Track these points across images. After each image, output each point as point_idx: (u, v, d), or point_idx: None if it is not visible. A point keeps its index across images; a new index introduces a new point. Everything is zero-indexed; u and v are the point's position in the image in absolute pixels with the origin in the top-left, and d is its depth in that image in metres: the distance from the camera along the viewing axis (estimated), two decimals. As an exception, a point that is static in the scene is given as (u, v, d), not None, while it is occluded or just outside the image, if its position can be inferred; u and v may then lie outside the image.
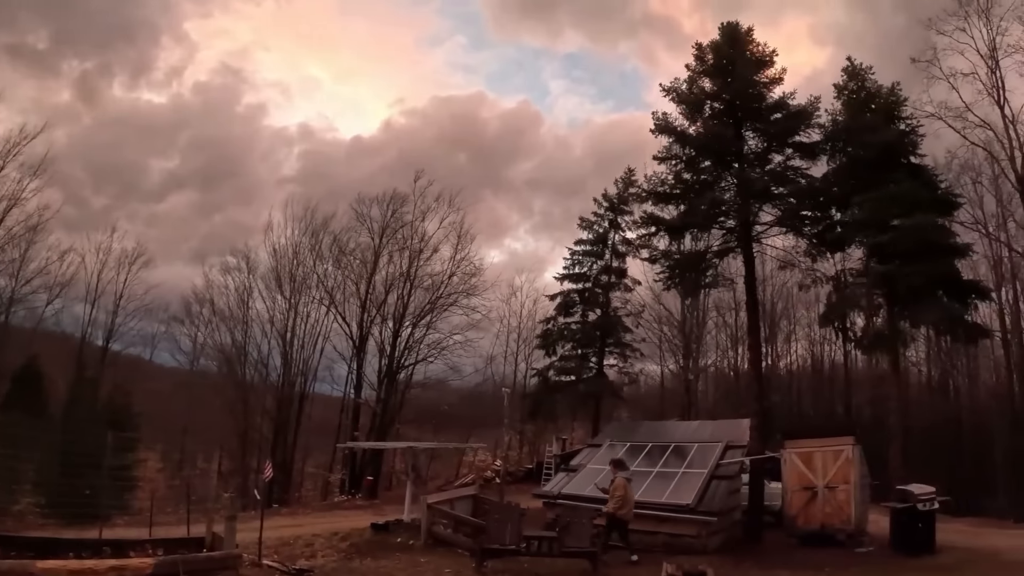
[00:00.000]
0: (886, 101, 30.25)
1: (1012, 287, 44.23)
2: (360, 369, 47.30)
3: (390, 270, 48.40)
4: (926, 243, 27.43)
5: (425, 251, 48.49)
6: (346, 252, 48.88)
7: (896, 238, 27.81)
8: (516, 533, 15.14)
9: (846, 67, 31.76)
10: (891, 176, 28.51)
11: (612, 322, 43.66)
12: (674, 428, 26.98)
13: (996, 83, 34.49)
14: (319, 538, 18.29)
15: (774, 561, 17.72)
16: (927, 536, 18.55)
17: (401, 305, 47.22)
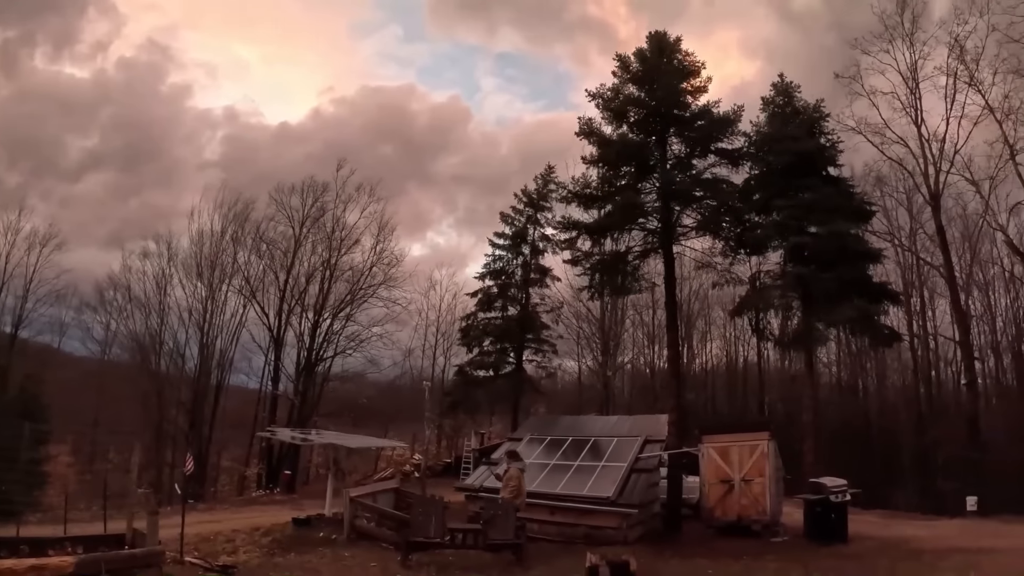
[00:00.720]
0: (809, 116, 32.19)
1: (920, 295, 46.84)
2: (278, 361, 46.75)
3: (311, 260, 48.07)
4: (841, 249, 28.63)
5: (346, 242, 48.32)
6: (266, 241, 48.21)
7: (813, 243, 28.96)
8: (440, 526, 15.15)
9: (775, 83, 34.09)
10: (809, 184, 29.75)
11: (531, 317, 43.76)
12: (593, 423, 27.13)
13: (915, 103, 36.92)
14: (240, 533, 18.09)
15: (693, 551, 18.11)
16: (840, 526, 19.28)
17: (321, 296, 46.95)
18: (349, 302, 47.03)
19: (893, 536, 20.55)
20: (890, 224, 44.58)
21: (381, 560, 15.08)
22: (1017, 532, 21.02)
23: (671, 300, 26.18)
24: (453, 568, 14.74)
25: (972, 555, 16.31)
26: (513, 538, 15.34)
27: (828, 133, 33.25)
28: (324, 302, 46.85)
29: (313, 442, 26.75)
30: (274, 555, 15.56)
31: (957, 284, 39.68)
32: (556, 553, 16.86)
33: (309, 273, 47.55)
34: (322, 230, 48.32)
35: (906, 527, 23.54)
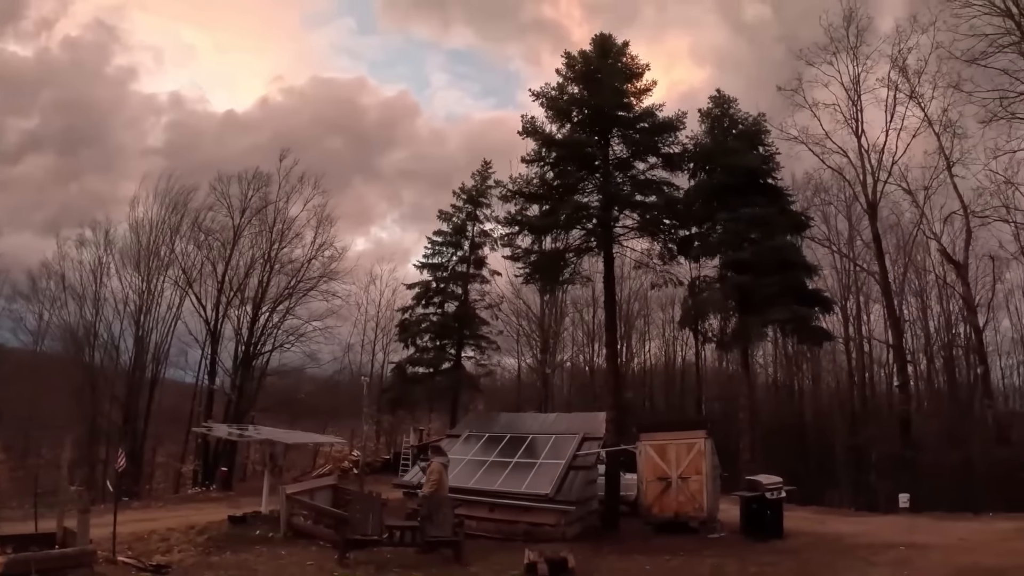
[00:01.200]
0: (750, 129, 33.54)
1: (856, 299, 47.92)
2: (215, 354, 45.81)
3: (251, 252, 47.06)
4: (778, 260, 29.32)
5: (287, 234, 47.48)
6: (205, 231, 46.85)
7: (752, 255, 29.59)
8: (378, 523, 15.14)
9: (713, 96, 35.29)
10: (749, 197, 30.43)
11: (470, 314, 43.75)
12: (531, 420, 27.19)
13: (856, 114, 37.95)
14: (175, 532, 17.87)
15: (631, 547, 18.32)
16: (775, 522, 19.66)
17: (260, 289, 46.07)
18: (288, 296, 46.25)
19: (828, 532, 20.99)
20: (829, 231, 45.98)
21: (318, 558, 14.94)
22: (947, 528, 21.47)
23: (610, 299, 26.43)
24: (391, 566, 14.59)
25: (904, 550, 16.74)
26: (451, 535, 15.33)
27: (767, 145, 34.74)
28: (263, 295, 45.99)
29: (250, 438, 26.35)
30: (210, 554, 15.35)
31: (891, 290, 40.75)
32: (495, 550, 16.89)
33: (248, 265, 46.63)
34: (263, 221, 47.36)
35: (840, 523, 24.01)
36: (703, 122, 35.09)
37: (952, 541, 18.00)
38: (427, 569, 14.30)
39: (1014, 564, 14.08)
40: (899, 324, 41.13)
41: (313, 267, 47.11)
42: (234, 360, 45.67)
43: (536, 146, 26.07)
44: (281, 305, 46.27)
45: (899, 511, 29.61)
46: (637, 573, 14.97)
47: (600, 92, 25.57)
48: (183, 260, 46.71)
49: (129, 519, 20.72)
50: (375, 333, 59.94)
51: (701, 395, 53.39)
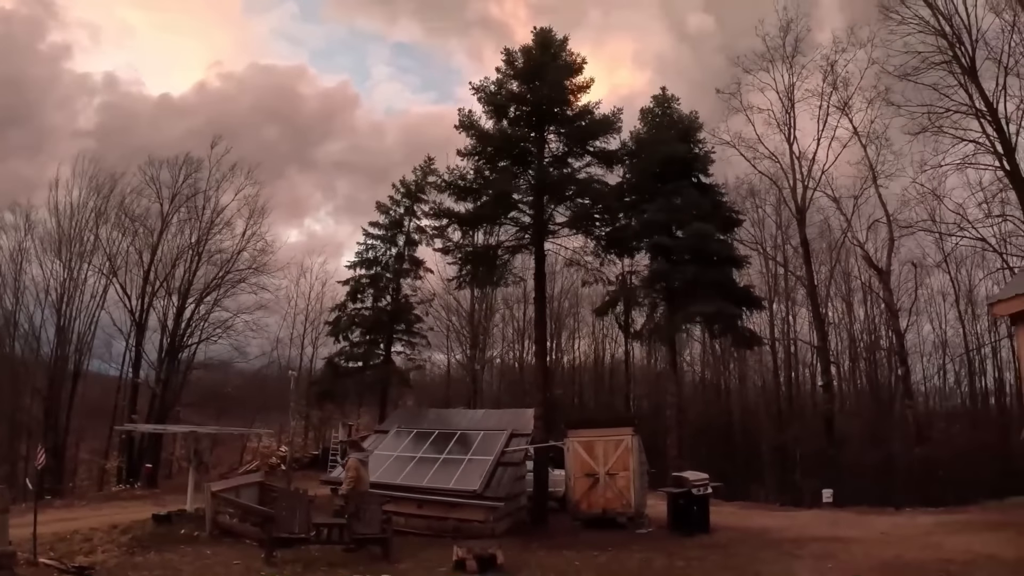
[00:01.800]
0: (684, 125, 34.52)
1: (784, 302, 49.77)
2: (140, 346, 44.39)
3: (178, 241, 45.77)
4: (705, 251, 29.84)
5: (217, 223, 46.29)
6: (131, 217, 45.30)
7: (678, 242, 30.05)
8: (305, 521, 15.02)
9: (656, 95, 36.35)
10: (679, 189, 31.16)
11: (402, 309, 43.42)
12: (460, 416, 27.30)
13: (789, 122, 39.64)
14: (98, 532, 17.48)
15: (560, 543, 18.45)
16: (702, 517, 20.01)
17: (187, 279, 44.82)
18: (217, 287, 45.23)
19: (753, 526, 21.43)
20: (758, 234, 47.52)
21: (245, 557, 14.76)
22: (869, 522, 22.06)
23: (540, 296, 26.39)
24: (319, 564, 14.48)
25: (827, 543, 17.14)
26: (379, 532, 15.34)
27: (701, 142, 35.64)
28: (190, 285, 44.81)
29: (175, 432, 25.88)
30: (134, 554, 15.07)
31: (817, 294, 41.99)
32: (424, 546, 16.95)
33: (176, 254, 45.37)
34: (192, 209, 46.20)
35: (765, 518, 24.59)
36: (643, 119, 35.81)
37: (874, 535, 18.50)
38: (355, 567, 14.20)
39: (934, 558, 14.36)
40: (823, 327, 42.13)
41: (243, 259, 46.21)
42: (159, 353, 44.31)
43: (472, 140, 26.00)
44: (209, 296, 45.23)
45: (823, 506, 30.36)
46: (565, 569, 15.01)
47: (539, 88, 25.59)
48: (108, 247, 45.17)
49: (51, 518, 20.45)
50: (304, 327, 58.87)
51: (630, 392, 54.21)
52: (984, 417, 44.95)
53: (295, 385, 33.00)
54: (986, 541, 15.49)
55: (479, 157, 25.98)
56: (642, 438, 23.07)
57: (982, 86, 31.36)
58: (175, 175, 46.18)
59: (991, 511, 23.01)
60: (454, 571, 14.04)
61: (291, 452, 32.81)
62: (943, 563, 13.77)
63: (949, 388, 49.86)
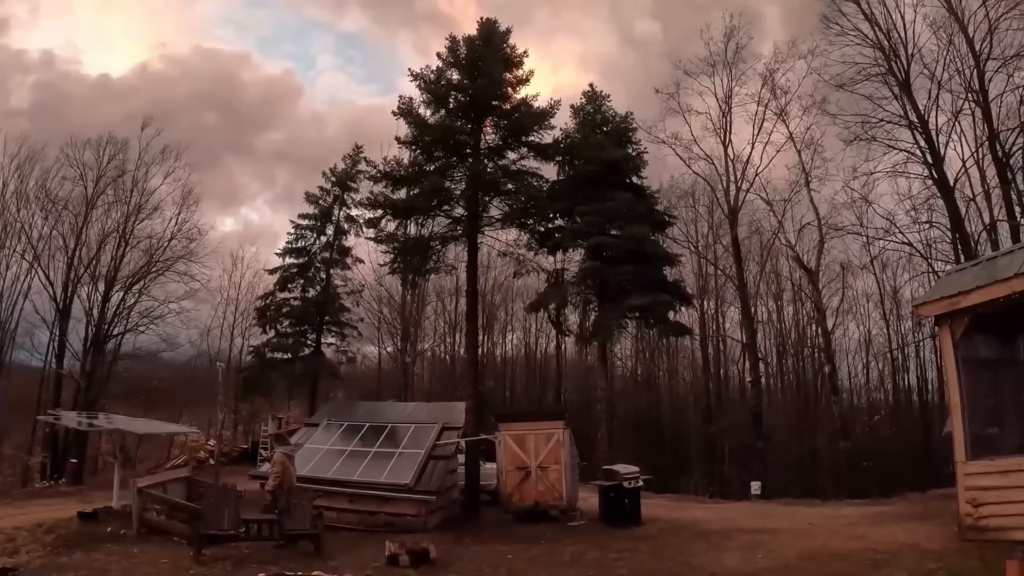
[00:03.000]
0: (618, 127, 35.40)
1: (714, 299, 51.27)
2: (64, 336, 42.99)
3: (104, 225, 44.31)
4: (638, 251, 30.48)
5: (145, 207, 44.93)
6: (53, 199, 43.67)
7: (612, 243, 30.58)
8: (235, 517, 14.83)
9: (586, 91, 37.03)
10: (614, 193, 31.70)
11: (331, 299, 43.18)
12: (391, 409, 27.23)
13: (725, 125, 40.90)
14: (22, 531, 16.88)
15: (492, 536, 18.51)
16: (633, 510, 20.28)
17: (113, 265, 43.51)
18: (144, 274, 44.13)
19: (684, 518, 21.59)
20: (690, 233, 49.05)
21: (173, 556, 14.51)
22: (796, 513, 22.44)
23: (473, 288, 26.37)
24: (249, 562, 14.29)
25: (756, 534, 17.37)
26: (311, 528, 15.24)
27: (635, 143, 36.52)
28: (116, 272, 43.59)
29: (100, 427, 25.27)
30: (59, 554, 14.68)
31: (747, 292, 43.49)
32: (356, 542, 16.88)
33: (102, 239, 43.84)
34: (119, 192, 44.71)
35: (695, 510, 24.85)
36: (575, 117, 36.33)
37: (801, 526, 18.71)
38: (286, 564, 13.96)
39: (860, 547, 14.56)
40: (752, 324, 43.40)
41: (173, 246, 45.15)
42: (84, 343, 43.14)
43: (409, 129, 25.94)
44: (136, 284, 44.09)
45: (751, 498, 31.04)
46: (498, 562, 15.04)
47: (479, 80, 25.56)
48: (29, 231, 43.61)
49: None
50: (234, 317, 57.83)
51: (561, 386, 54.64)
52: (906, 413, 46.16)
53: (223, 377, 32.47)
54: (910, 531, 15.67)
55: (416, 147, 25.94)
56: (573, 431, 23.29)
57: (915, 99, 32.87)
58: (99, 156, 44.66)
59: (913, 502, 23.40)
60: (387, 566, 13.98)
61: (219, 446, 32.19)
62: (868, 552, 13.95)
63: (873, 385, 51.17)
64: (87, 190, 43.93)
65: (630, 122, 36.63)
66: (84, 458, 40.93)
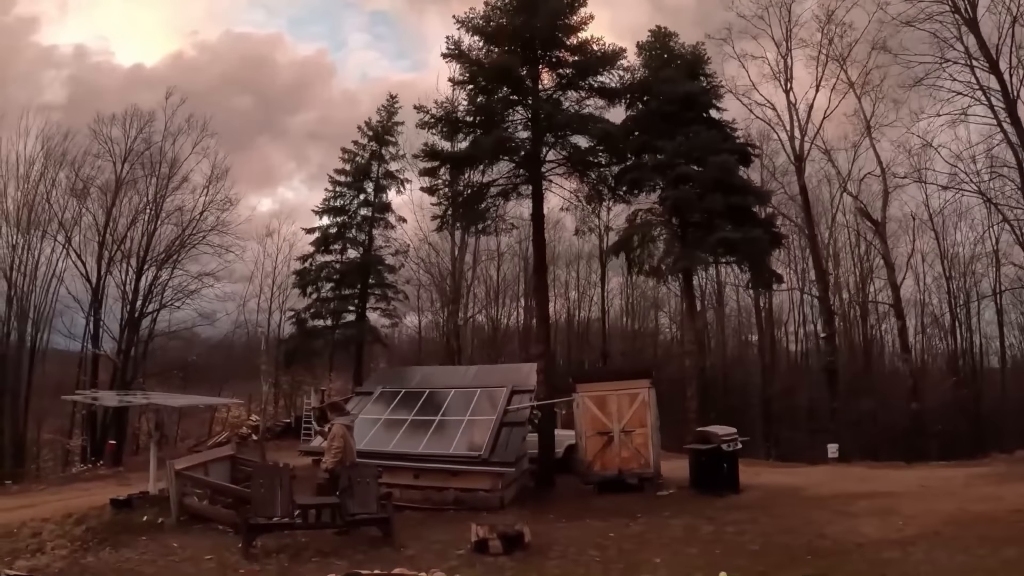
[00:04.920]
0: (688, 59, 33.12)
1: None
2: (98, 316, 41.88)
3: (134, 201, 42.97)
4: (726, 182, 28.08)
5: (174, 178, 43.41)
6: (84, 178, 42.41)
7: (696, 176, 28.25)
8: (288, 502, 12.49)
9: (653, 30, 34.59)
10: (690, 126, 30.38)
11: (375, 261, 41.04)
12: (451, 374, 25.08)
13: (784, 69, 39.37)
14: (49, 523, 14.85)
15: (578, 511, 16.31)
16: (731, 476, 18.15)
17: (144, 241, 42.16)
18: (177, 248, 42.64)
19: (777, 484, 19.56)
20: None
21: (218, 549, 12.26)
22: (894, 477, 20.85)
23: (539, 238, 24.13)
24: (308, 554, 12.00)
25: (873, 499, 15.65)
26: (378, 511, 12.92)
27: (708, 76, 34.01)
28: (148, 249, 42.13)
29: (132, 403, 23.40)
30: (86, 550, 12.58)
31: (818, 242, 41.50)
32: (426, 523, 14.78)
33: (133, 216, 42.63)
34: (148, 165, 43.20)
35: (777, 475, 22.68)
36: (640, 54, 33.74)
37: (913, 489, 17.06)
38: (352, 556, 11.75)
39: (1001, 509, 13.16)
40: (825, 275, 41.49)
41: (205, 219, 43.61)
42: (120, 322, 42.02)
43: (462, 71, 23.90)
44: (169, 260, 42.68)
45: (828, 461, 29.22)
46: (602, 542, 12.74)
47: (533, 21, 23.19)
48: (60, 212, 42.43)
49: (4, 507, 18.62)
50: (272, 290, 55.77)
51: (606, 348, 52.42)
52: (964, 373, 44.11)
53: (266, 346, 30.63)
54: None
55: (472, 86, 23.74)
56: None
57: (983, 37, 30.52)
58: (126, 131, 43.15)
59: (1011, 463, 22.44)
60: (474, 553, 11.75)
61: (264, 421, 29.91)
62: (1016, 513, 12.62)
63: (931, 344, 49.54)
64: (116, 166, 42.76)
65: (701, 53, 34.31)
66: (125, 438, 39.98)
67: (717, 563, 10.66)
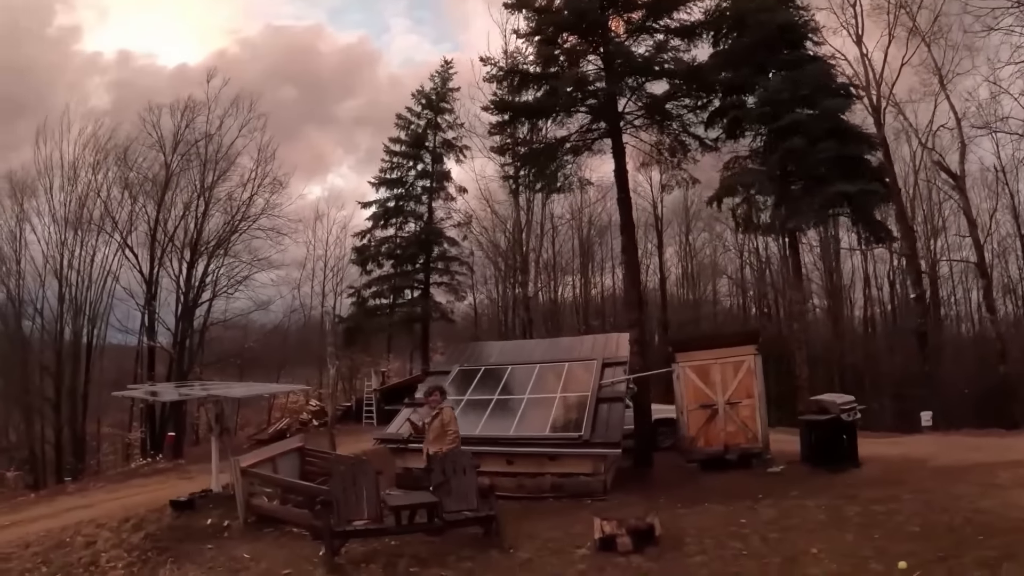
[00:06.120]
0: None
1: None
2: (152, 308, 41.28)
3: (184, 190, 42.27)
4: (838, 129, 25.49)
5: (222, 162, 42.37)
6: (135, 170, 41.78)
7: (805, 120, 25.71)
8: (375, 501, 10.62)
9: None
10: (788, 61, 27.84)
11: (436, 234, 39.22)
12: (533, 347, 23.10)
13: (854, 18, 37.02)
14: (104, 530, 13.34)
15: (690, 493, 14.34)
16: (852, 449, 16.27)
17: (195, 230, 41.43)
18: (228, 236, 41.76)
19: (892, 456, 17.69)
20: None
21: (295, 559, 10.41)
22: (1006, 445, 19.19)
23: (624, 195, 21.76)
24: (403, 562, 10.05)
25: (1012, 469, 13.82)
26: (484, 508, 10.95)
27: (801, 8, 30.70)
28: (198, 236, 41.29)
29: (190, 397, 21.94)
30: (144, 563, 11.04)
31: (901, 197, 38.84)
32: (527, 515, 12.86)
33: (184, 205, 41.89)
34: (196, 154, 42.33)
35: (880, 446, 20.54)
36: None
37: None
38: (457, 564, 9.88)
39: None
40: (912, 232, 39.04)
41: (255, 203, 42.80)
42: (175, 313, 41.43)
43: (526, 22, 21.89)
44: (220, 247, 41.88)
45: (922, 430, 27.52)
46: (737, 531, 10.74)
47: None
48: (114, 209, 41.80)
49: (60, 508, 17.93)
50: (324, 273, 53.83)
51: (666, 319, 51.06)
52: None
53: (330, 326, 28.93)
54: None
55: (540, 35, 21.52)
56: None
57: None
58: (176, 120, 42.42)
59: None
60: (599, 552, 9.84)
61: (332, 405, 27.65)
62: None
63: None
64: (165, 157, 42.08)
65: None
66: (184, 430, 39.64)
67: (885, 550, 9.04)
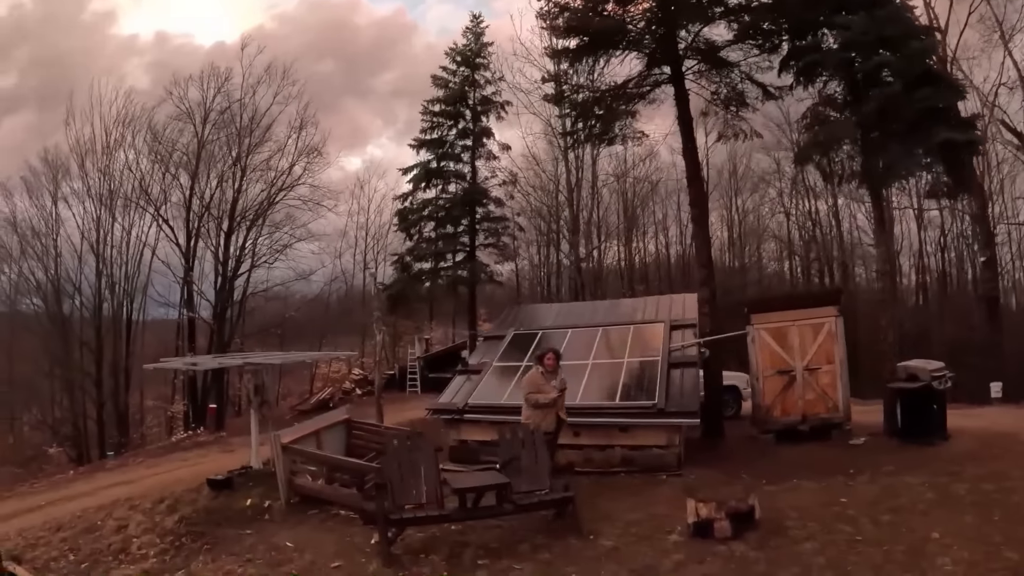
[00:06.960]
0: None
1: None
2: (191, 281, 40.58)
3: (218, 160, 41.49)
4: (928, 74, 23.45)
5: (257, 133, 41.38)
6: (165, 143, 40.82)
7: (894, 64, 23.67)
8: (435, 483, 9.31)
9: None
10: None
11: (480, 192, 37.41)
12: (593, 309, 21.66)
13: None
14: (137, 511, 12.43)
15: (771, 468, 13.01)
16: (941, 419, 14.82)
17: (233, 200, 40.61)
18: (267, 206, 40.82)
19: (976, 428, 16.05)
20: None
21: (345, 549, 9.16)
22: None
23: (690, 144, 20.15)
24: (469, 552, 8.76)
25: None
26: (559, 488, 9.60)
27: None
28: (235, 207, 40.43)
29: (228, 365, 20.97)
30: (178, 550, 10.03)
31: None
32: (600, 492, 11.54)
33: (220, 176, 41.04)
34: (229, 123, 41.31)
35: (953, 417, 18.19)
36: None
37: None
38: (533, 554, 8.56)
39: None
40: (982, 192, 36.14)
41: (293, 172, 41.97)
42: (214, 285, 40.65)
43: None
44: (259, 218, 41.01)
45: (992, 402, 26.20)
46: (841, 512, 9.50)
47: None
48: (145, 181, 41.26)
49: (98, 485, 17.43)
50: (366, 242, 54.02)
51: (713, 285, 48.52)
52: None
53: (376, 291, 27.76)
54: None
55: None
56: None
57: None
58: (204, 89, 41.54)
59: None
60: (693, 538, 8.60)
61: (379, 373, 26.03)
62: None
63: None
64: (196, 128, 41.12)
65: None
66: (226, 400, 39.18)
67: (1013, 535, 8.06)
